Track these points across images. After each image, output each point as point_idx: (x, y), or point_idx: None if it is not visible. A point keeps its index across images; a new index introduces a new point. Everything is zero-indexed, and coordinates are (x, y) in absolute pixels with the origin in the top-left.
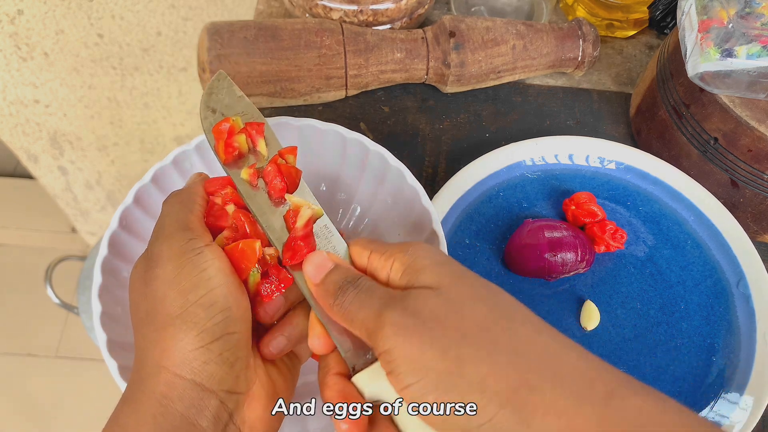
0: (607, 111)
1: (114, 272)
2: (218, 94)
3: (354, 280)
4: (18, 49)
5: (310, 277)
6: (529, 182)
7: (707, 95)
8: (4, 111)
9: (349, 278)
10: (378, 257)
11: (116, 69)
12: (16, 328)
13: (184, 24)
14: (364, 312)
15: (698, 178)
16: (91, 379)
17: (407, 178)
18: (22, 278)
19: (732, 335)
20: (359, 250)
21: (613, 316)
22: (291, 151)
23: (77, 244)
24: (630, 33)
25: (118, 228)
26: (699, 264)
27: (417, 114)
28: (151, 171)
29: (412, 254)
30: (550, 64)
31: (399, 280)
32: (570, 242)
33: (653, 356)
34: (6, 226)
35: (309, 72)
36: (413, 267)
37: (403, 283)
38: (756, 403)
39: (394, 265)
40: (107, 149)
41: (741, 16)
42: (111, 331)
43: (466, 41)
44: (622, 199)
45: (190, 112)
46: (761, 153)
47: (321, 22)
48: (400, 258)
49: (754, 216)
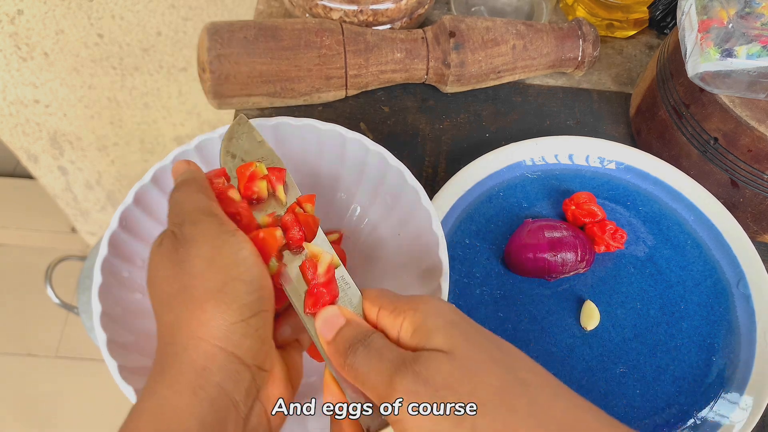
0: (607, 111)
1: (114, 272)
2: (238, 140)
3: (365, 338)
4: (18, 49)
5: (322, 335)
6: (529, 182)
7: (707, 95)
8: (4, 111)
9: (359, 336)
10: (387, 315)
11: (116, 69)
12: (16, 328)
13: (184, 24)
14: (375, 376)
15: (698, 178)
16: (91, 379)
17: (407, 178)
18: (22, 278)
19: (732, 335)
20: (369, 306)
21: (613, 316)
22: (309, 199)
23: (77, 244)
24: (630, 33)
25: (118, 228)
26: (699, 264)
27: (417, 114)
28: (151, 171)
29: (423, 313)
30: (550, 64)
31: (410, 340)
32: (570, 242)
33: (653, 356)
34: (6, 226)
35: (309, 72)
36: (424, 327)
37: (414, 344)
38: (756, 403)
39: (404, 324)
40: (107, 149)
41: (741, 16)
42: (111, 331)
43: (466, 41)
44: (622, 199)
45: (190, 112)
46: (761, 153)
47: (321, 22)
48: (411, 317)
49: (754, 216)
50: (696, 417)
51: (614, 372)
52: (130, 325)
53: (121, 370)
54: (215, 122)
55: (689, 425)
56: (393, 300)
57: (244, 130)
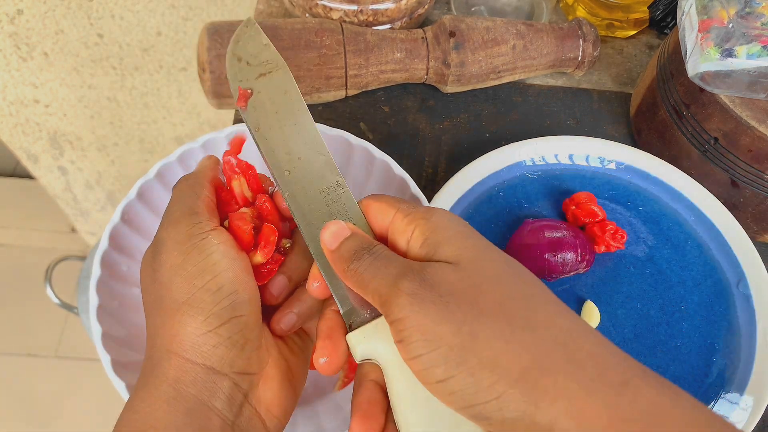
0: (607, 111)
1: (113, 266)
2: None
3: (370, 247)
4: (18, 49)
5: (327, 244)
6: (529, 182)
7: (707, 95)
8: (4, 111)
9: (365, 245)
10: (402, 218)
11: (116, 69)
12: (16, 328)
13: (184, 24)
14: (379, 279)
15: (698, 178)
16: (91, 379)
17: (411, 188)
18: (22, 278)
19: (732, 335)
20: (384, 207)
21: (613, 316)
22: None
23: (77, 244)
24: (630, 33)
25: (120, 222)
26: (699, 264)
27: (417, 114)
28: (156, 167)
29: (434, 224)
30: (550, 64)
31: (419, 250)
32: (570, 242)
33: (653, 356)
34: (6, 226)
35: (309, 72)
36: (434, 238)
37: (423, 254)
38: (756, 403)
39: (415, 232)
40: (107, 149)
41: (741, 16)
42: (106, 324)
43: (466, 41)
44: (622, 199)
45: (190, 112)
46: (761, 153)
47: (321, 22)
48: (422, 226)
49: (754, 216)
50: None
51: None
52: (126, 320)
53: (114, 365)
54: (215, 122)
55: None
56: (408, 206)
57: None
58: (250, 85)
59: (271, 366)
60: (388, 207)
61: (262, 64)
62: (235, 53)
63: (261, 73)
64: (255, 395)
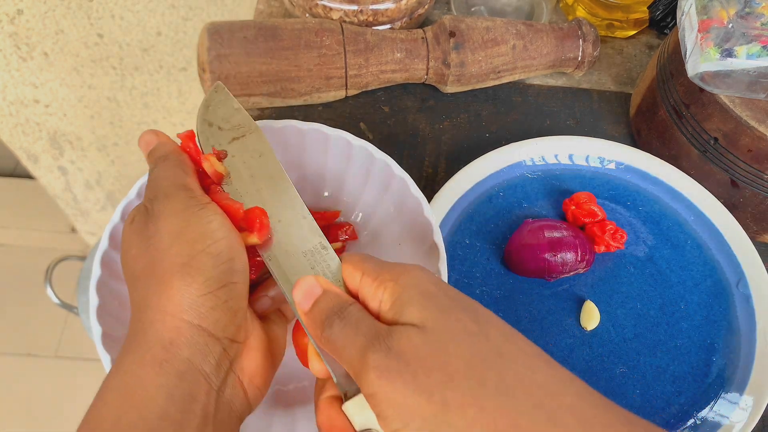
0: (607, 111)
1: (113, 266)
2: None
3: (341, 310)
4: (18, 49)
5: (300, 306)
6: (529, 182)
7: (707, 95)
8: (4, 111)
9: (335, 308)
10: (369, 283)
11: (116, 69)
12: (16, 328)
13: (184, 24)
14: (349, 349)
15: (698, 178)
16: (91, 379)
17: (411, 188)
18: (22, 278)
19: (732, 335)
20: (351, 270)
21: (613, 316)
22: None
23: (77, 244)
24: (630, 33)
25: (120, 222)
26: (699, 264)
27: (417, 114)
28: None
29: (401, 285)
30: (550, 64)
31: (387, 312)
32: (570, 242)
33: (653, 356)
34: (6, 226)
35: (309, 72)
36: (401, 300)
37: (390, 317)
38: (756, 403)
39: (384, 295)
40: (107, 149)
41: (741, 16)
42: (106, 324)
43: (466, 41)
44: (622, 199)
45: (190, 112)
46: (761, 153)
47: (321, 22)
48: (391, 288)
49: (754, 216)
50: (696, 417)
51: (614, 372)
52: (127, 320)
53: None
54: None
55: (689, 425)
56: (376, 267)
57: (221, 97)
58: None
59: (254, 338)
60: (354, 269)
61: (235, 128)
62: (206, 118)
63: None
64: (239, 364)
